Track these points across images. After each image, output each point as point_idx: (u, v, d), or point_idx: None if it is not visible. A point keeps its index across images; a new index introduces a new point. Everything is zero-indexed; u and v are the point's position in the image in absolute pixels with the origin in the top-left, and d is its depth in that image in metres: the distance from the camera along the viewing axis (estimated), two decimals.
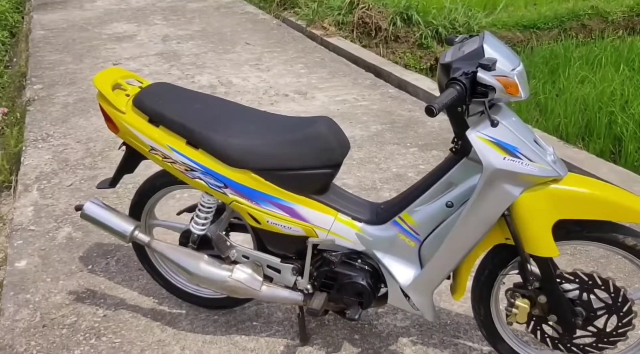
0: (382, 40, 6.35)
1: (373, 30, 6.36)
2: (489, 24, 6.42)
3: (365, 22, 6.42)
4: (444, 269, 1.81)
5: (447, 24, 6.13)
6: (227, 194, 1.85)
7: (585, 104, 4.07)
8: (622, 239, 1.70)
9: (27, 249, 2.63)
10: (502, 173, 1.61)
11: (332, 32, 6.28)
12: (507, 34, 6.62)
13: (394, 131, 3.83)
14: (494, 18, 6.57)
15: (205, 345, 2.10)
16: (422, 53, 6.38)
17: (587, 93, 4.22)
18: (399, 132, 3.81)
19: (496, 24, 6.56)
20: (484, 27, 6.29)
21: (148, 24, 6.49)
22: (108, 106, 1.91)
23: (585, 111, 4.00)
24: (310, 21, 6.53)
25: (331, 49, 5.77)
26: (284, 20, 6.82)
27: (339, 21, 6.42)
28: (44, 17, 6.94)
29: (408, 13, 6.31)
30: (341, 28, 6.40)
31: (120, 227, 2.01)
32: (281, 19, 6.88)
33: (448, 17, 6.21)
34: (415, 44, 6.37)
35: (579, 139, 3.78)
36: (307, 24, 6.47)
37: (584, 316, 1.78)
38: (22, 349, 2.08)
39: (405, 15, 6.39)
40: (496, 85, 1.52)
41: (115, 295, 2.35)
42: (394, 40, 6.43)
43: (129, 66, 5.05)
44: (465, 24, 6.14)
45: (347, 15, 6.47)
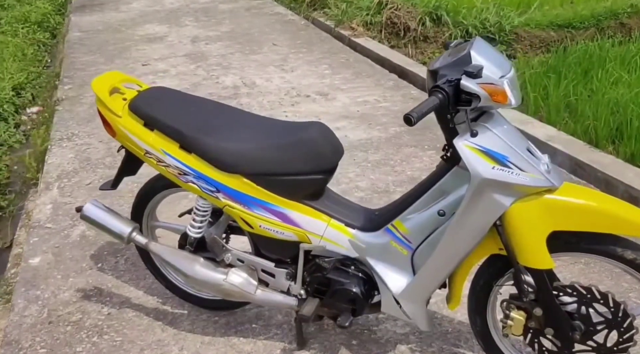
0: (410, 41, 6.26)
1: (402, 31, 6.28)
2: (521, 24, 6.22)
3: (394, 22, 6.34)
4: (435, 278, 1.78)
5: (477, 24, 5.97)
6: (219, 198, 1.86)
7: (618, 106, 3.91)
8: (621, 252, 1.63)
9: (42, 247, 2.71)
10: (491, 183, 1.57)
11: (360, 32, 6.22)
12: (540, 34, 6.41)
13: (412, 133, 3.77)
14: (527, 17, 6.36)
15: (203, 346, 2.11)
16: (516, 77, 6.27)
17: (620, 94, 4.05)
18: (418, 134, 3.75)
19: (529, 23, 6.34)
20: (516, 27, 6.14)
21: (179, 26, 6.59)
22: (105, 110, 1.94)
23: (618, 113, 3.83)
24: (339, 22, 6.50)
25: (358, 49, 5.73)
26: (313, 21, 6.81)
27: (367, 21, 6.36)
28: (81, 19, 7.13)
29: (437, 13, 6.20)
30: (369, 28, 6.34)
31: (118, 228, 2.04)
32: (310, 19, 6.87)
33: (479, 17, 6.07)
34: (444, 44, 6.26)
35: (609, 142, 3.64)
36: (336, 25, 6.44)
37: (583, 330, 1.71)
38: (27, 344, 2.14)
39: (434, 15, 6.28)
40: (481, 93, 1.48)
41: (121, 294, 2.39)
42: (423, 41, 6.33)
43: (157, 67, 5.14)
44: (496, 24, 5.98)
45: (376, 16, 6.40)
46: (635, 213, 1.60)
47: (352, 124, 3.95)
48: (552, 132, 3.65)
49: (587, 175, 3.21)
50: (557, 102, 3.98)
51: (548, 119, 3.84)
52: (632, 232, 1.58)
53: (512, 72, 1.57)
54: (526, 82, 4.29)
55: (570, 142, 3.49)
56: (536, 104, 4.02)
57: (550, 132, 3.65)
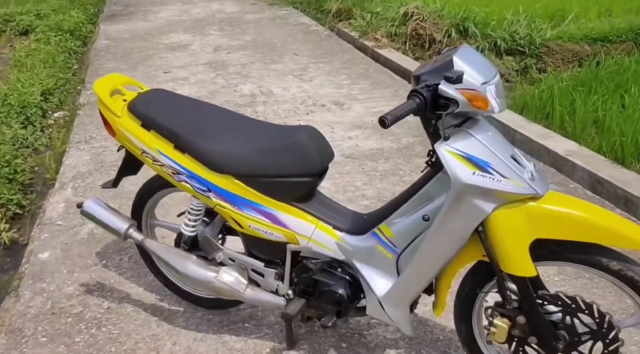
0: (435, 53, 6.28)
1: (427, 42, 6.31)
2: (553, 37, 6.07)
3: (419, 33, 6.38)
4: (417, 282, 1.82)
5: (506, 36, 5.90)
6: (211, 197, 1.95)
7: None
8: (607, 263, 1.64)
9: (52, 242, 2.85)
10: (472, 188, 1.60)
11: (384, 43, 6.29)
12: (573, 47, 6.24)
13: (425, 144, 3.82)
14: (560, 30, 6.23)
15: (195, 342, 2.20)
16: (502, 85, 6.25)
17: None
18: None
19: (562, 36, 6.14)
20: (547, 40, 6.04)
21: (203, 35, 6.80)
22: (106, 110, 2.07)
23: None
24: (364, 33, 6.59)
25: (381, 61, 5.81)
26: (338, 32, 6.92)
27: (392, 33, 6.42)
28: (110, 27, 7.41)
29: (465, 25, 6.19)
30: (394, 40, 6.40)
31: (115, 225, 2.16)
32: (335, 30, 6.99)
33: (508, 30, 5.99)
34: None
35: (635, 159, 3.56)
36: (360, 36, 6.53)
37: (567, 340, 1.73)
38: (30, 333, 2.27)
39: (461, 27, 6.27)
40: (459, 98, 1.52)
41: (121, 289, 2.50)
42: None
43: (178, 74, 5.32)
44: (527, 37, 5.91)
45: (401, 27, 6.46)
46: (620, 223, 1.62)
47: (365, 133, 4.02)
48: (573, 147, 3.64)
49: (607, 192, 3.19)
50: (584, 116, 3.92)
51: (573, 134, 3.81)
52: (617, 243, 1.61)
53: (497, 78, 1.61)
54: (553, 96, 4.25)
55: (590, 157, 3.47)
56: (561, 118, 4.00)
57: (570, 147, 3.64)
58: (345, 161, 3.62)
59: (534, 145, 3.73)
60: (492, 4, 7.00)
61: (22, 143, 4.39)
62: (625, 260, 1.65)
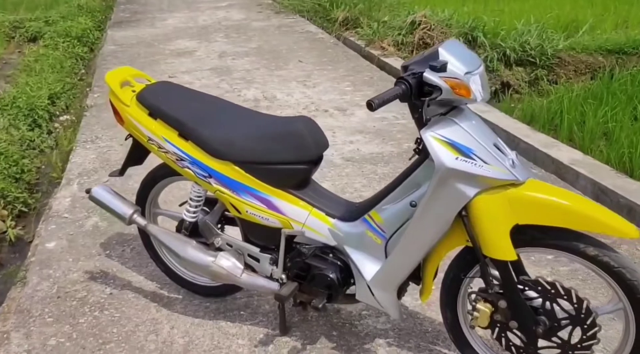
0: None
1: None
2: (566, 48, 6.06)
3: (426, 42, 6.50)
4: (403, 266, 1.96)
5: (516, 46, 5.92)
6: (211, 183, 2.12)
7: None
8: (584, 249, 1.76)
9: (58, 233, 3.03)
10: (455, 173, 1.73)
11: (390, 52, 6.45)
12: (586, 59, 6.06)
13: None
14: (572, 41, 6.23)
15: (192, 327, 2.36)
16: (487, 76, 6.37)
17: None
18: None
19: (575, 47, 6.13)
20: (560, 51, 6.00)
21: (209, 41, 7.03)
22: (115, 100, 2.25)
23: None
24: (370, 41, 6.77)
25: (387, 69, 5.98)
26: (344, 40, 7.12)
27: (398, 41, 6.57)
28: (117, 33, 7.66)
29: (473, 34, 6.27)
30: (400, 48, 6.55)
31: (121, 210, 2.33)
32: (341, 39, 7.19)
33: (519, 40, 6.02)
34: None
35: None
36: (366, 44, 6.72)
37: (547, 325, 1.84)
38: (37, 314, 2.44)
39: (470, 36, 6.34)
40: (442, 85, 1.68)
41: (123, 278, 2.67)
42: None
43: (182, 79, 5.53)
44: (538, 47, 5.92)
45: (408, 36, 6.60)
46: (597, 210, 1.75)
47: (366, 138, 4.19)
48: (578, 156, 3.72)
49: (609, 200, 3.24)
50: (594, 128, 3.99)
51: (581, 145, 3.87)
52: (593, 229, 1.72)
53: (481, 69, 1.75)
54: (563, 107, 4.31)
55: (595, 167, 3.55)
56: (570, 129, 4.05)
57: (575, 156, 3.73)
58: (345, 163, 3.79)
59: (538, 154, 3.84)
60: (502, 14, 7.11)
61: (29, 145, 4.58)
62: (601, 246, 1.77)
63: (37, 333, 2.32)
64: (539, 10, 7.15)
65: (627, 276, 1.75)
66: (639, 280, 1.75)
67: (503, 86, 5.80)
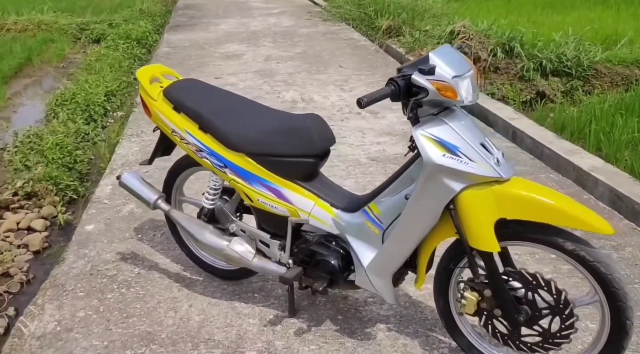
0: (480, 71, 6.44)
1: (471, 60, 6.48)
2: (603, 60, 6.03)
3: (464, 51, 6.54)
4: (395, 254, 2.07)
5: (553, 57, 5.97)
6: (226, 173, 2.29)
7: None
8: (562, 243, 1.85)
9: (97, 217, 3.27)
10: (441, 168, 1.84)
11: None
12: (623, 71, 6.13)
13: None
14: (610, 53, 6.23)
15: (209, 306, 2.52)
16: (522, 86, 6.31)
17: None
18: None
19: (612, 59, 6.13)
20: (596, 63, 6.06)
21: (257, 46, 7.27)
22: (145, 94, 2.44)
23: None
24: (411, 49, 6.87)
25: None
26: (386, 48, 7.23)
27: None
28: (173, 36, 8.02)
29: (511, 44, 6.31)
30: None
31: (146, 195, 2.52)
32: (384, 46, 7.30)
33: (555, 51, 6.06)
34: (516, 76, 6.36)
35: None
36: (407, 52, 6.81)
37: (529, 314, 1.94)
38: (70, 288, 2.66)
39: (507, 46, 6.41)
40: (428, 87, 1.79)
41: (151, 259, 2.87)
42: (493, 71, 6.46)
43: (227, 80, 5.77)
44: (574, 58, 5.94)
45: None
46: (576, 208, 1.82)
47: (393, 140, 4.29)
48: (598, 164, 3.75)
49: (625, 207, 3.29)
50: (621, 138, 3.98)
51: (607, 153, 3.88)
52: (571, 224, 1.80)
53: (470, 74, 1.85)
54: (593, 117, 4.33)
55: (613, 174, 3.57)
56: (597, 139, 4.06)
57: (596, 163, 3.76)
58: (370, 163, 3.90)
59: (561, 160, 3.87)
60: (542, 27, 7.11)
61: (84, 137, 4.91)
62: (578, 241, 1.85)
63: (69, 305, 2.54)
64: (580, 23, 7.10)
65: (602, 270, 1.82)
66: (612, 274, 1.82)
67: (538, 95, 5.80)
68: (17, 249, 3.28)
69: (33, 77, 7.43)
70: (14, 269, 3.06)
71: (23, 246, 3.31)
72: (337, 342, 2.30)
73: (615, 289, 1.82)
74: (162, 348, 2.27)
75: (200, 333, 2.36)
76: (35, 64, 7.86)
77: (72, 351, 2.27)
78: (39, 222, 3.53)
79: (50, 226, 3.51)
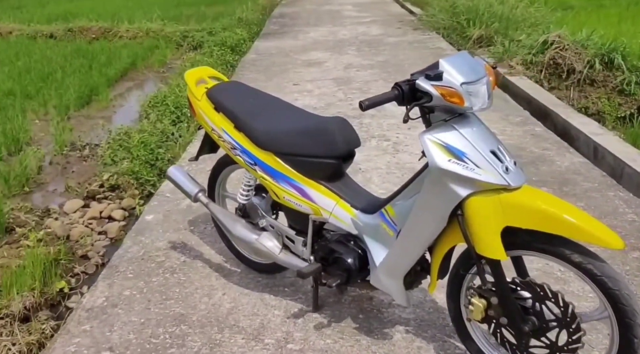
0: (574, 83, 6.22)
1: (564, 72, 6.27)
2: None
3: (557, 63, 6.34)
4: (404, 255, 2.15)
5: None
6: (257, 170, 2.48)
7: None
8: (569, 255, 1.85)
9: (157, 209, 3.60)
10: (446, 173, 1.90)
11: (517, 71, 6.41)
12: None
13: None
14: None
15: (241, 295, 2.72)
16: (621, 100, 6.04)
17: None
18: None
19: None
20: None
21: (340, 53, 7.48)
22: (190, 95, 2.69)
23: None
24: (499, 59, 6.77)
25: (509, 87, 5.97)
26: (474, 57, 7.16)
27: (527, 60, 6.51)
28: (262, 44, 8.43)
29: (610, 56, 6.07)
30: (529, 67, 6.48)
31: (188, 188, 2.77)
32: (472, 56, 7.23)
33: None
34: (614, 89, 6.10)
35: None
36: (495, 62, 6.71)
37: (536, 325, 1.95)
38: (122, 270, 2.97)
39: (606, 58, 6.17)
40: (432, 92, 1.85)
41: (198, 250, 3.12)
42: (589, 84, 6.22)
43: (305, 87, 6.01)
44: None
45: (538, 55, 6.52)
46: (584, 219, 1.81)
47: None
48: None
49: None
50: None
51: None
52: (579, 237, 1.80)
53: (482, 81, 1.90)
54: None
55: None
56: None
57: None
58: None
59: None
60: None
61: (169, 137, 5.34)
62: (586, 254, 1.84)
63: (118, 285, 2.84)
64: None
65: (609, 285, 1.80)
66: (621, 290, 1.79)
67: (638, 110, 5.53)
68: (97, 235, 3.69)
69: (135, 81, 8.14)
70: (91, 252, 3.46)
71: (102, 233, 3.72)
72: (353, 339, 2.41)
73: (623, 305, 1.79)
74: (190, 329, 2.49)
75: (228, 319, 2.56)
76: (139, 69, 8.59)
77: (113, 324, 2.55)
78: (118, 213, 3.93)
79: (128, 216, 3.90)
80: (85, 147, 5.33)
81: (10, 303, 2.81)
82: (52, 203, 4.19)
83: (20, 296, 2.85)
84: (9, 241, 3.56)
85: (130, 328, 2.52)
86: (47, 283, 3.01)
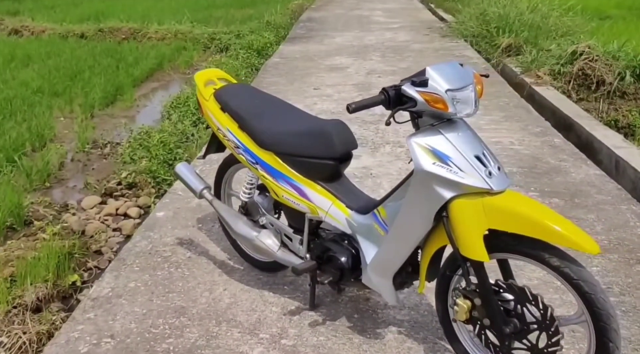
0: (603, 95, 6.22)
1: (594, 83, 6.27)
2: None
3: (586, 73, 6.35)
4: (392, 256, 2.26)
5: None
6: (258, 169, 2.63)
7: None
8: (548, 259, 1.95)
9: (168, 206, 3.78)
10: (431, 176, 2.02)
11: (544, 81, 6.44)
12: None
13: (526, 175, 4.09)
14: None
15: (241, 291, 2.87)
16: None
17: None
18: (532, 176, 4.06)
19: None
20: None
21: (364, 59, 7.62)
22: (199, 95, 2.86)
23: None
24: (527, 69, 6.81)
25: (535, 97, 6.02)
26: (502, 69, 7.22)
27: (555, 71, 6.54)
28: (287, 48, 8.62)
29: None
30: (556, 78, 6.50)
31: (194, 185, 2.93)
32: (500, 66, 7.29)
33: None
34: None
35: None
36: (522, 71, 6.77)
37: (518, 327, 2.05)
38: (129, 263, 3.14)
39: (638, 70, 6.17)
40: (417, 98, 1.99)
41: (204, 246, 3.28)
42: (620, 97, 6.21)
43: (325, 91, 6.16)
44: None
45: (566, 66, 6.55)
46: (565, 225, 1.91)
47: None
48: None
49: None
50: None
51: None
52: (557, 241, 1.90)
53: (469, 89, 2.02)
54: None
55: None
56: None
57: None
58: None
59: None
60: None
61: (189, 138, 5.56)
62: (565, 258, 1.93)
63: (124, 277, 3.02)
64: None
65: (585, 289, 1.89)
66: (596, 294, 1.88)
67: None
68: (111, 232, 3.90)
69: (161, 82, 8.42)
70: (105, 248, 3.66)
71: (117, 230, 3.93)
72: (345, 337, 2.53)
73: (598, 309, 1.88)
74: (190, 321, 2.65)
75: (226, 313, 2.70)
76: (165, 70, 8.87)
77: (117, 313, 2.72)
78: (134, 210, 4.14)
79: (143, 214, 4.10)
80: (107, 145, 5.58)
81: (23, 293, 3.00)
82: (71, 199, 4.42)
83: (33, 287, 3.04)
84: (26, 233, 3.79)
85: (132, 317, 2.68)
86: (60, 276, 3.20)
